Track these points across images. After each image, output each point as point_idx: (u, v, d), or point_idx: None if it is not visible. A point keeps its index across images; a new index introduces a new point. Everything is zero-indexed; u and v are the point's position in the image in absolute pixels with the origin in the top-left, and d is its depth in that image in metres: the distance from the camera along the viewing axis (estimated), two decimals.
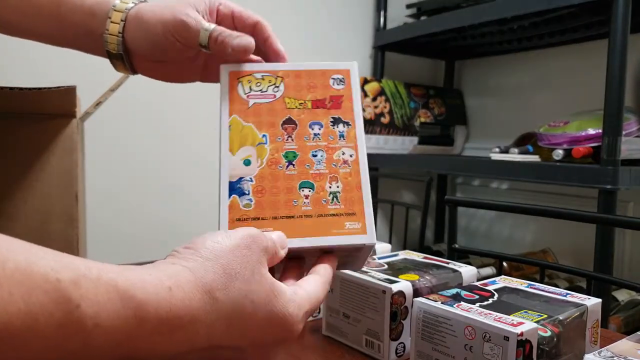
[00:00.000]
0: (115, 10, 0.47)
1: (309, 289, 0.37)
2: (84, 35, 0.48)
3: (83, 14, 0.47)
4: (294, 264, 0.41)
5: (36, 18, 0.48)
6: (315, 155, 0.44)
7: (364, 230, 0.43)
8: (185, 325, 0.30)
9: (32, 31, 0.49)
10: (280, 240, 0.39)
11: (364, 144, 0.45)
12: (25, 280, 0.25)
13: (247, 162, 0.44)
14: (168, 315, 0.29)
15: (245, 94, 0.46)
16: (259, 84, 0.46)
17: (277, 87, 0.46)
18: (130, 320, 0.28)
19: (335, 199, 0.43)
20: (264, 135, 0.45)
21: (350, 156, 0.45)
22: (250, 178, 0.43)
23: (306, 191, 0.43)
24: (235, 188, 0.43)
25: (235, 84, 0.46)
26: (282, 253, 0.38)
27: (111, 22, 0.47)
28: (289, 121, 0.45)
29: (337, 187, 0.43)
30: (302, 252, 0.42)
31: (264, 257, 0.35)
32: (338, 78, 0.47)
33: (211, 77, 0.52)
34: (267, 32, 0.49)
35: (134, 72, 0.51)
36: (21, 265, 0.25)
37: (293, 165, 0.44)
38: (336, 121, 0.46)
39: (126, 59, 0.48)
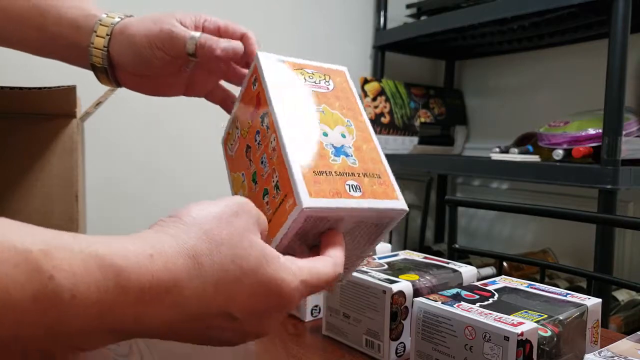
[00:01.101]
0: (101, 25, 0.47)
1: (311, 263, 0.35)
2: (67, 47, 0.48)
3: (68, 26, 0.48)
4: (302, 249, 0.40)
5: (18, 27, 0.48)
6: (262, 162, 0.42)
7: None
8: (170, 290, 0.29)
9: (14, 40, 0.49)
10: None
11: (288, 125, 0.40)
12: None
13: None
14: (151, 282, 0.28)
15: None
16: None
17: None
18: (111, 290, 0.27)
19: (276, 189, 0.40)
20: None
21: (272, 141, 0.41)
22: None
23: (266, 198, 0.41)
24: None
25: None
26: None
27: (97, 35, 0.47)
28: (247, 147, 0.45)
29: (275, 178, 0.40)
30: (319, 225, 0.38)
31: (254, 225, 0.33)
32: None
33: (195, 91, 0.52)
34: (253, 44, 0.48)
35: (118, 85, 0.51)
36: None
37: (256, 183, 0.43)
38: (262, 117, 0.43)
39: (110, 72, 0.49)
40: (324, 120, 0.42)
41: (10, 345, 0.25)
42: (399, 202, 0.41)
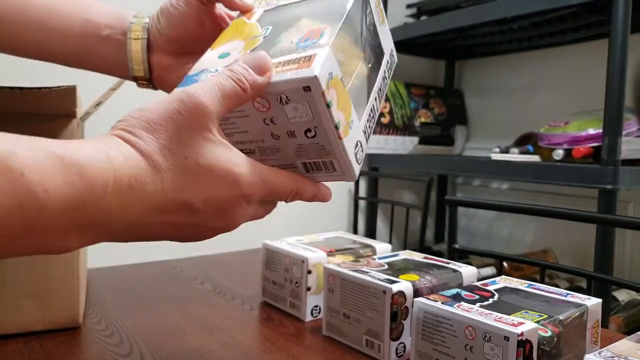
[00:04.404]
0: (136, 19, 0.49)
1: (270, 168, 0.37)
2: (106, 38, 0.49)
3: (110, 19, 0.49)
4: None
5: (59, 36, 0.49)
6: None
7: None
8: (133, 186, 0.30)
9: (50, 52, 0.50)
10: (255, 61, 0.36)
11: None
12: None
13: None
14: (115, 178, 0.29)
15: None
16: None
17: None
18: (77, 184, 0.28)
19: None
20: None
21: None
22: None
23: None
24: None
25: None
26: (261, 80, 0.35)
27: (137, 19, 0.49)
28: None
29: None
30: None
31: (204, 119, 0.33)
32: None
33: None
34: None
35: (152, 77, 0.51)
36: None
37: None
38: None
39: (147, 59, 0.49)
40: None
41: None
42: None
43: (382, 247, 0.68)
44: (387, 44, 0.48)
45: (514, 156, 1.42)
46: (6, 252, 0.28)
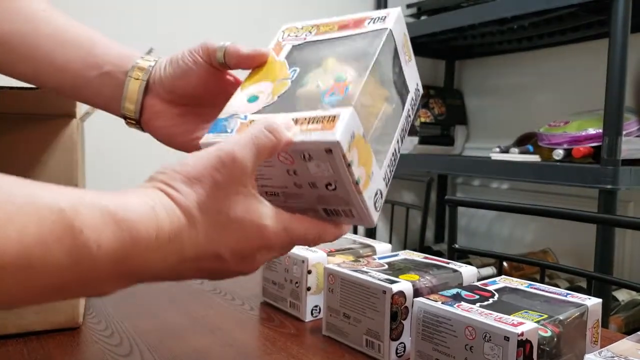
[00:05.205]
0: (141, 61, 0.49)
1: (296, 217, 0.39)
2: (105, 74, 0.49)
3: (113, 58, 0.49)
4: None
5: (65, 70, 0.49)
6: None
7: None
8: (172, 240, 0.33)
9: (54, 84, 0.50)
10: (285, 122, 0.38)
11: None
12: (33, 212, 0.28)
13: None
14: (157, 233, 0.32)
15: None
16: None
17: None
18: (126, 240, 0.31)
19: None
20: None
21: None
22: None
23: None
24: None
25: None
26: (289, 136, 0.37)
27: (144, 59, 0.49)
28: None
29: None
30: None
31: (239, 174, 0.36)
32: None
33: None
34: None
35: (141, 117, 0.51)
36: (28, 199, 0.28)
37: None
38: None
39: (140, 103, 0.49)
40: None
41: (50, 296, 0.30)
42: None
43: (382, 247, 0.68)
44: (413, 79, 0.48)
45: (514, 156, 1.42)
46: (52, 298, 0.31)
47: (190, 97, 0.49)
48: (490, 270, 1.53)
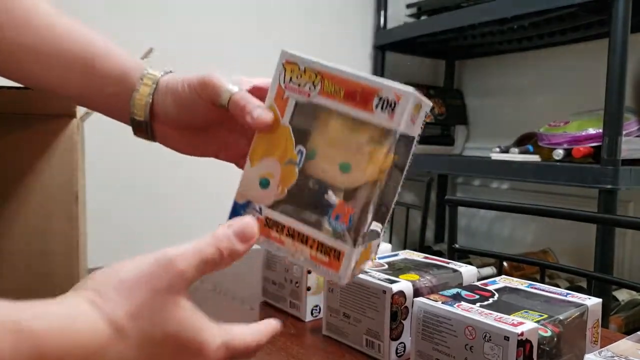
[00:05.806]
0: (147, 75, 0.47)
1: (235, 328, 0.37)
2: (111, 96, 0.48)
3: (115, 72, 0.48)
4: None
5: (63, 70, 0.48)
6: None
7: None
8: (91, 356, 0.30)
9: (54, 83, 0.49)
10: (242, 230, 0.37)
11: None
12: None
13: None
14: (75, 344, 0.29)
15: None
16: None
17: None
18: (32, 353, 0.27)
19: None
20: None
21: None
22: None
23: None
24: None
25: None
26: (241, 249, 0.37)
27: (143, 84, 0.47)
28: None
29: None
30: None
31: (179, 285, 0.33)
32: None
33: (228, 154, 0.50)
34: None
35: (154, 139, 0.50)
36: None
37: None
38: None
39: (149, 125, 0.48)
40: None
41: None
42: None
43: (382, 247, 0.68)
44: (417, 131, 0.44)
45: (514, 156, 1.42)
46: None
47: (200, 126, 0.48)
48: (490, 270, 1.52)
